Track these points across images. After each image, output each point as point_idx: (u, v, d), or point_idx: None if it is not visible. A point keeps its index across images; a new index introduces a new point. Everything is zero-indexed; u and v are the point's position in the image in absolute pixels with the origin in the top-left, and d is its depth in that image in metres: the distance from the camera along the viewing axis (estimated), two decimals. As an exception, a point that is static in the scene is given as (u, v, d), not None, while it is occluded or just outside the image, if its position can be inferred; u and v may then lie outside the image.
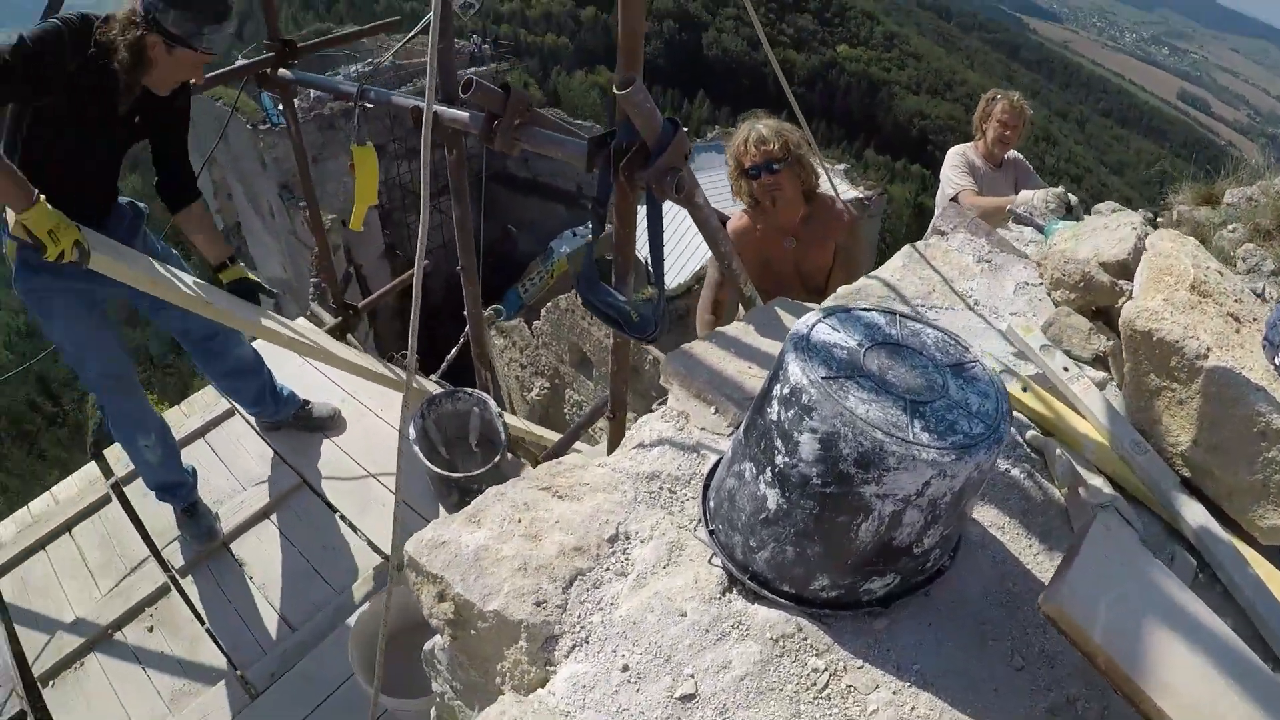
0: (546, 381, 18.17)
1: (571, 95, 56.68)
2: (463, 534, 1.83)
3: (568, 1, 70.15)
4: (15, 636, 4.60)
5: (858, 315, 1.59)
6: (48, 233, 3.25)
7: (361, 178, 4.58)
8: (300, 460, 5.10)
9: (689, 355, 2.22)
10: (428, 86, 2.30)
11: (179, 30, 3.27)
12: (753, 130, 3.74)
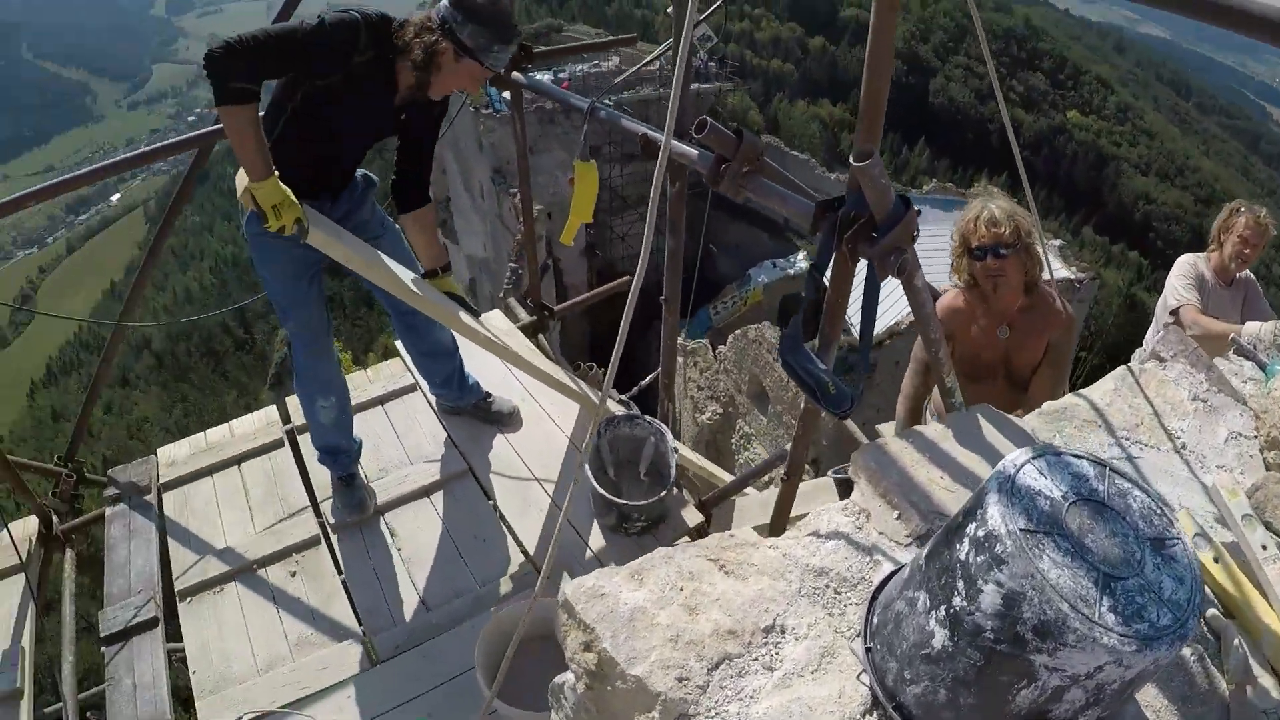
0: (720, 407, 18.15)
1: (791, 124, 56.28)
2: (623, 590, 1.80)
3: (797, 29, 69.48)
4: (166, 549, 4.88)
5: (1068, 462, 1.50)
6: (272, 207, 3.51)
7: (580, 193, 4.62)
8: (471, 449, 5.18)
9: (882, 452, 2.15)
10: (667, 124, 2.29)
11: (471, 44, 3.57)
12: (985, 209, 3.63)
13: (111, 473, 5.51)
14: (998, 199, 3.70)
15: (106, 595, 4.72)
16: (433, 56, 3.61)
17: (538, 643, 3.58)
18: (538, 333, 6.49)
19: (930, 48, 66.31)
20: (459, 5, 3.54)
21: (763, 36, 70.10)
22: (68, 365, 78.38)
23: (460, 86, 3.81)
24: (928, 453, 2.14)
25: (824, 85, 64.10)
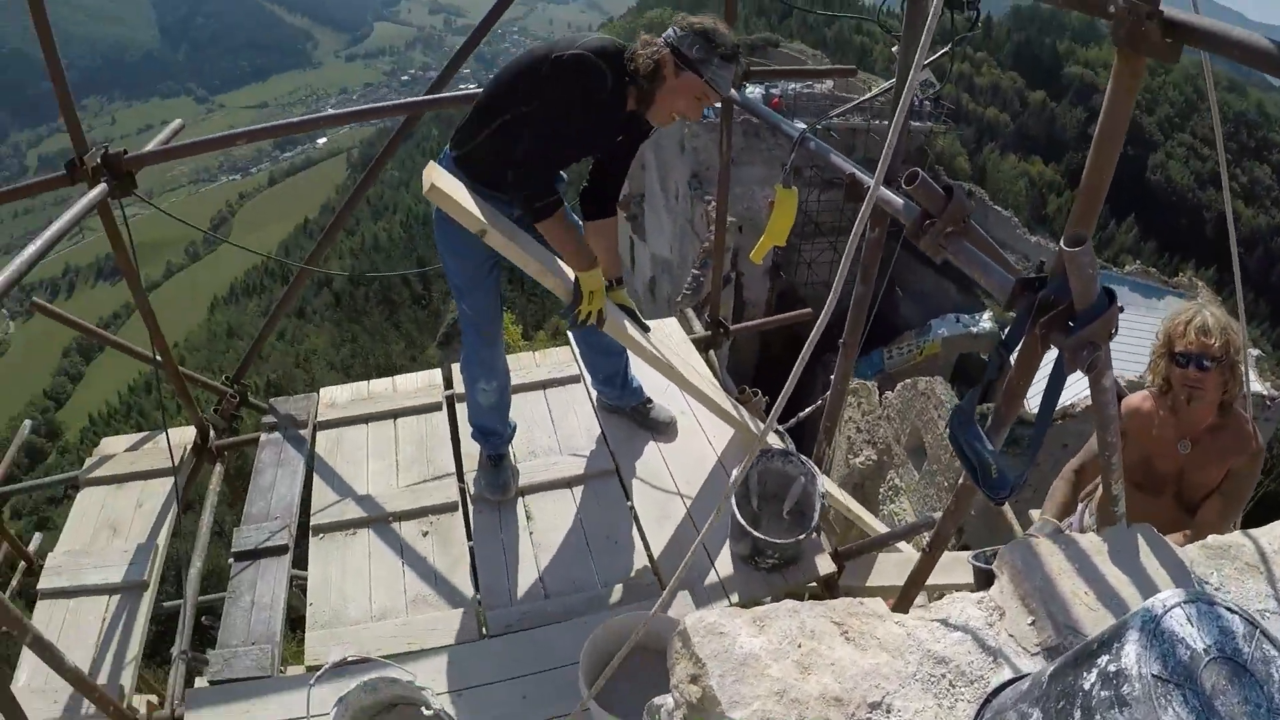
0: (875, 454, 17.92)
1: (999, 177, 55.00)
2: (742, 633, 1.78)
3: (1018, 79, 67.63)
4: (310, 484, 5.08)
5: (1219, 614, 1.42)
6: (589, 292, 3.96)
7: (777, 217, 4.60)
8: (621, 450, 5.20)
9: (1031, 553, 2.07)
10: (878, 171, 2.25)
11: (692, 54, 3.63)
12: (1200, 315, 3.45)
13: (273, 402, 5.74)
14: (1212, 307, 3.53)
15: (245, 514, 4.95)
16: (657, 68, 3.68)
17: (643, 654, 3.58)
18: (709, 348, 6.48)
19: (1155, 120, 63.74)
20: (682, 24, 3.67)
21: (982, 82, 68.57)
22: (250, 288, 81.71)
23: (681, 109, 3.83)
24: (1077, 564, 2.06)
25: (1039, 141, 62.28)
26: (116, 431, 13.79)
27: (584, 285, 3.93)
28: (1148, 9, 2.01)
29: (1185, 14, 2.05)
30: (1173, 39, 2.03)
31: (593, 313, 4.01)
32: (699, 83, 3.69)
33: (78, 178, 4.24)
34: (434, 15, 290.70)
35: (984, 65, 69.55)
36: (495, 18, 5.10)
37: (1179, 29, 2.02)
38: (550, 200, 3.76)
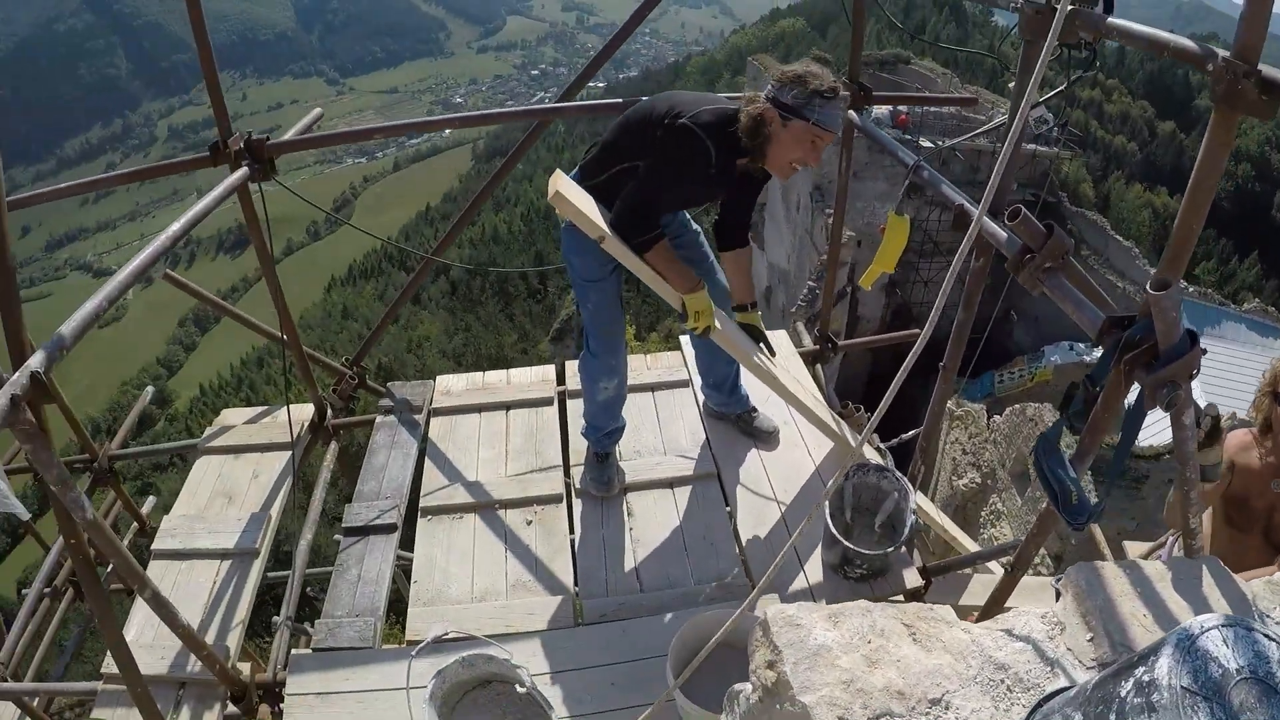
0: (979, 477, 17.70)
1: (1122, 206, 53.47)
2: (817, 626, 1.91)
3: (1148, 109, 65.62)
4: (421, 467, 5.29)
5: (1257, 638, 1.50)
6: (695, 312, 4.21)
7: (888, 244, 4.68)
8: (724, 455, 5.33)
9: (1095, 574, 2.16)
10: (981, 204, 2.37)
11: (793, 101, 3.75)
12: None
13: (391, 386, 5.97)
14: None
15: (357, 492, 5.18)
16: (760, 125, 3.84)
17: (727, 650, 3.69)
18: (817, 362, 6.58)
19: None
20: (780, 76, 3.80)
21: (1111, 109, 66.77)
22: (369, 271, 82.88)
23: (797, 155, 3.94)
24: (1140, 588, 2.14)
25: (1165, 172, 60.34)
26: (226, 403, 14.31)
27: (689, 306, 4.19)
28: (1245, 68, 2.10)
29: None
30: (1269, 97, 2.12)
31: (700, 327, 4.24)
32: (807, 127, 3.80)
33: (220, 160, 4.50)
34: (567, 12, 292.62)
35: (1115, 93, 67.77)
36: (625, 36, 5.29)
37: (1276, 88, 2.11)
38: (647, 238, 4.05)
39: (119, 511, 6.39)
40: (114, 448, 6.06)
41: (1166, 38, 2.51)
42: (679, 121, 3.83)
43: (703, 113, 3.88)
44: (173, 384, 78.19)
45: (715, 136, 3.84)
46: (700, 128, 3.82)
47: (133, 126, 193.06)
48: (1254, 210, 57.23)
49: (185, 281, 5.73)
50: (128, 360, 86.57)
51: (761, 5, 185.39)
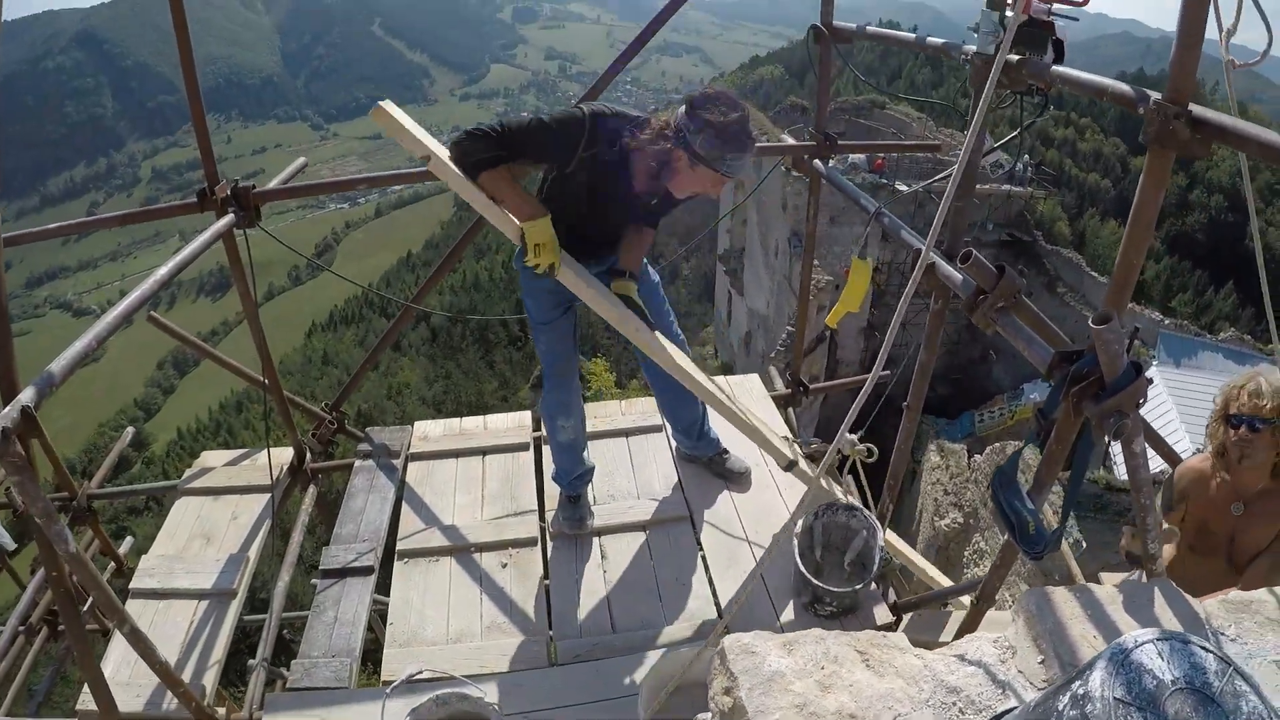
0: (961, 516, 17.77)
1: (1097, 243, 53.89)
2: (772, 653, 1.98)
3: (1121, 146, 66.25)
4: (399, 511, 5.33)
5: (1194, 650, 1.55)
6: (535, 244, 4.00)
7: (852, 286, 4.78)
8: (695, 497, 5.40)
9: (1046, 599, 2.22)
10: (928, 240, 2.46)
11: (704, 153, 3.74)
12: (1255, 380, 3.54)
13: (369, 431, 6.03)
14: (1272, 374, 3.65)
15: (335, 535, 5.23)
16: (666, 163, 3.86)
17: (698, 689, 3.74)
18: (789, 405, 6.67)
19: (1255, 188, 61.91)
20: (694, 115, 3.72)
21: (1084, 147, 67.44)
22: (349, 317, 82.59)
23: (700, 191, 3.99)
24: (1090, 611, 2.20)
25: (1139, 208, 60.94)
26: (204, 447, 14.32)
27: (528, 236, 3.99)
28: (1176, 109, 2.20)
29: (1211, 112, 2.23)
30: (1200, 135, 2.22)
31: (543, 263, 4.04)
32: (713, 174, 3.84)
33: (207, 206, 4.58)
34: (549, 61, 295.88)
35: (1088, 131, 68.57)
36: (606, 84, 5.39)
37: (1206, 127, 2.21)
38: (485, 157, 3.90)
39: (96, 552, 6.40)
40: (93, 487, 6.08)
41: (1106, 83, 2.63)
42: (576, 103, 3.94)
43: (603, 106, 3.94)
44: (150, 427, 77.76)
45: (597, 127, 3.86)
46: (589, 113, 3.85)
47: (117, 166, 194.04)
48: (1227, 241, 57.76)
49: (168, 324, 5.78)
50: (105, 402, 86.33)
51: (740, 53, 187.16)
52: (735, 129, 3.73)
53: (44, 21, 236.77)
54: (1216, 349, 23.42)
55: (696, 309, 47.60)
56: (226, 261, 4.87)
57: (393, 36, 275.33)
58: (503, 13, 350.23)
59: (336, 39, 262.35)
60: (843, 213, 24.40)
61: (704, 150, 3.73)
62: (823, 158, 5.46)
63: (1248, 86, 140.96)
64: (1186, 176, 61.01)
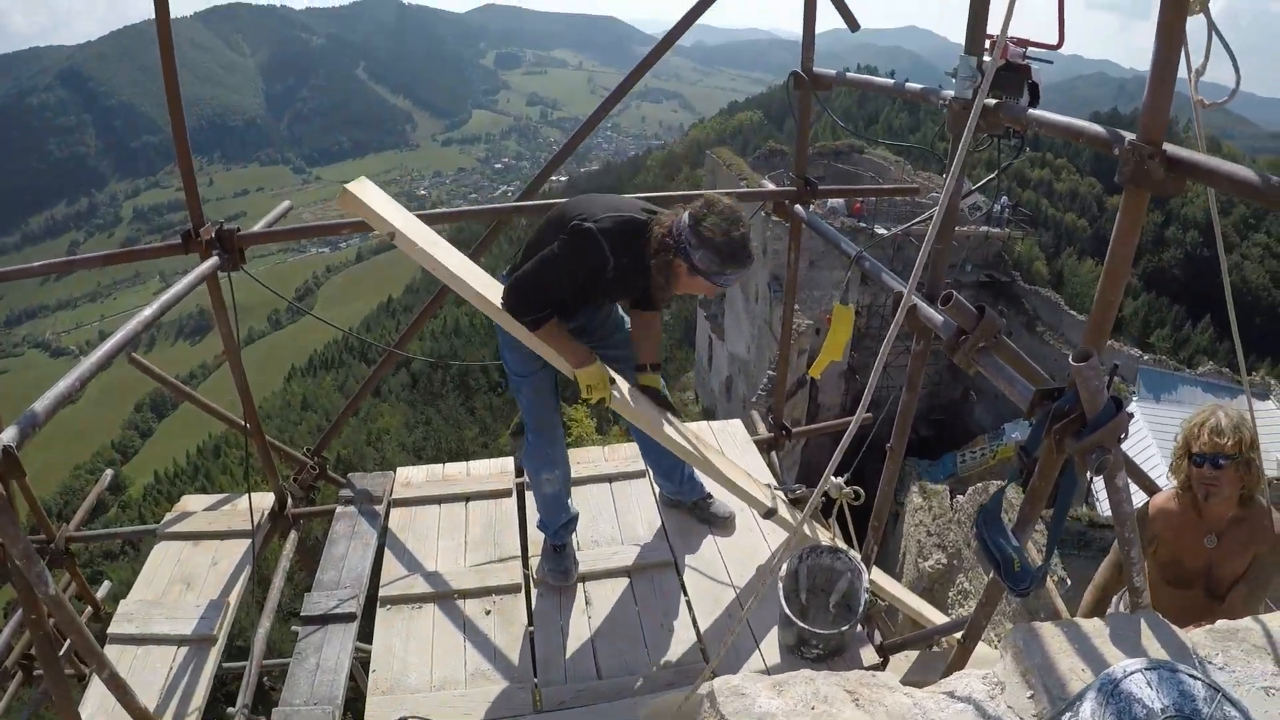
0: (945, 557, 17.73)
1: (1075, 281, 54.43)
2: (762, 695, 1.98)
3: (1096, 185, 66.96)
4: (381, 557, 5.29)
5: (1182, 678, 1.56)
6: (587, 386, 4.24)
7: (834, 334, 4.80)
8: (680, 543, 5.39)
9: (1033, 634, 2.23)
10: (909, 283, 2.48)
11: (703, 267, 3.88)
12: (1214, 416, 3.57)
13: (351, 477, 6.00)
14: (1227, 408, 3.68)
15: (317, 581, 5.17)
16: (668, 269, 3.99)
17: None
18: (772, 449, 6.69)
19: (1230, 222, 62.53)
20: (695, 229, 3.85)
21: (1061, 187, 68.29)
22: (329, 362, 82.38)
23: (696, 292, 4.20)
24: (1078, 645, 2.21)
25: (1116, 246, 61.48)
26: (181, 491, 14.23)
27: (580, 380, 4.24)
28: (1150, 149, 2.24)
29: (1185, 151, 2.27)
30: (1175, 174, 2.26)
31: (593, 399, 4.29)
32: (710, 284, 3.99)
33: (191, 248, 4.60)
34: (531, 107, 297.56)
35: (1064, 171, 69.43)
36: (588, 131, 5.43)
37: (1180, 165, 2.25)
38: (535, 318, 4.10)
39: (72, 596, 6.34)
40: (71, 530, 6.03)
41: (1081, 125, 2.68)
42: (586, 224, 3.94)
43: (606, 219, 3.98)
44: (127, 470, 77.03)
45: (615, 244, 3.95)
46: (602, 234, 3.92)
47: (99, 205, 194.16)
48: (1203, 276, 58.34)
49: (150, 366, 5.75)
50: (82, 443, 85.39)
51: (720, 99, 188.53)
52: (734, 247, 3.86)
53: (29, 58, 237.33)
54: (1196, 383, 23.56)
55: (677, 354, 47.62)
56: (205, 304, 4.86)
57: (376, 81, 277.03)
58: (485, 59, 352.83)
59: (320, 82, 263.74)
60: (823, 257, 24.48)
61: (702, 265, 3.88)
62: (803, 203, 5.51)
63: (1220, 123, 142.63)
64: (1162, 213, 61.74)
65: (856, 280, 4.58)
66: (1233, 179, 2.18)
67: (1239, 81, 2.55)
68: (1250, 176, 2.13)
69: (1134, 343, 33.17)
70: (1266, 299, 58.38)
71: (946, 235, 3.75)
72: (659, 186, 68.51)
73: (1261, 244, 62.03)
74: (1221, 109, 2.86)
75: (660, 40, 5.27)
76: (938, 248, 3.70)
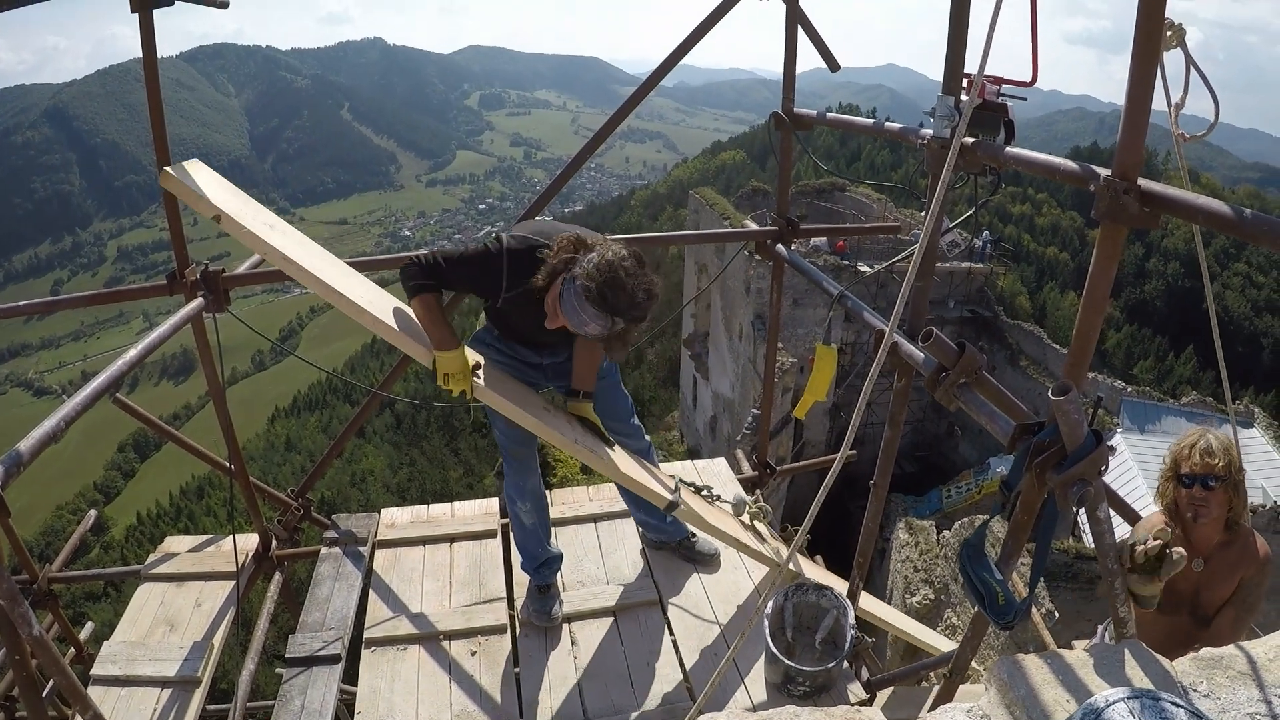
0: (932, 593, 17.71)
1: (1058, 315, 54.98)
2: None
3: (1078, 219, 67.64)
4: (365, 599, 5.25)
5: (1164, 706, 1.56)
6: (444, 374, 4.12)
7: (817, 374, 4.82)
8: (665, 581, 5.39)
9: (1018, 666, 2.24)
10: (891, 321, 2.50)
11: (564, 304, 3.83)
12: (1203, 438, 3.62)
13: (336, 518, 5.97)
14: (1216, 432, 3.71)
15: (301, 623, 5.12)
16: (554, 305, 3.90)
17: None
18: (756, 487, 6.71)
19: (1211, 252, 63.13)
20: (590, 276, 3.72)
21: (1042, 222, 69.16)
22: (313, 403, 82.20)
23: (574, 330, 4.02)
24: (1062, 676, 2.21)
25: (1100, 278, 62.00)
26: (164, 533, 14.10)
27: (439, 365, 4.10)
28: (1125, 185, 2.28)
29: (1159, 186, 2.32)
30: (1150, 208, 2.30)
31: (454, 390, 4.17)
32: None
33: (176, 289, 4.61)
34: (515, 147, 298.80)
35: (1044, 206, 70.17)
36: (572, 172, 5.50)
37: (1155, 200, 2.29)
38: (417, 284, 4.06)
39: (55, 637, 6.30)
40: (54, 570, 6.01)
41: (1057, 162, 2.73)
42: (499, 237, 3.99)
43: (514, 239, 3.98)
44: (110, 510, 76.34)
45: (515, 267, 3.95)
46: (508, 252, 3.95)
47: (82, 244, 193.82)
48: (1185, 306, 58.88)
49: (134, 406, 5.73)
50: (64, 484, 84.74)
51: (703, 139, 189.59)
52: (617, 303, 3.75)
53: (15, 96, 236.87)
54: (1180, 413, 23.69)
55: (661, 394, 47.65)
56: (189, 344, 4.87)
57: (361, 122, 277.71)
58: (470, 99, 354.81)
59: (305, 123, 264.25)
60: (806, 295, 24.57)
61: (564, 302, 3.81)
62: (785, 242, 5.56)
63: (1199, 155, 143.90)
64: (1143, 246, 62.35)
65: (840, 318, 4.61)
66: (1208, 212, 2.22)
67: (1218, 114, 2.60)
68: (1224, 210, 2.17)
69: (1117, 375, 33.31)
70: (1248, 328, 58.95)
71: (927, 272, 3.78)
72: (643, 227, 68.62)
73: (1242, 273, 62.68)
74: (1200, 141, 2.90)
75: (643, 81, 5.31)
76: (918, 285, 3.74)
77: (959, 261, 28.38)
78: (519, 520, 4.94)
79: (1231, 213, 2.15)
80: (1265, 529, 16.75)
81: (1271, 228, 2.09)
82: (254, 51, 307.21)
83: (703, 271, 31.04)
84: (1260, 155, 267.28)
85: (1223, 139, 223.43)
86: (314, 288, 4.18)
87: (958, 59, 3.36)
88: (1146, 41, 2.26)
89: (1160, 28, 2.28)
